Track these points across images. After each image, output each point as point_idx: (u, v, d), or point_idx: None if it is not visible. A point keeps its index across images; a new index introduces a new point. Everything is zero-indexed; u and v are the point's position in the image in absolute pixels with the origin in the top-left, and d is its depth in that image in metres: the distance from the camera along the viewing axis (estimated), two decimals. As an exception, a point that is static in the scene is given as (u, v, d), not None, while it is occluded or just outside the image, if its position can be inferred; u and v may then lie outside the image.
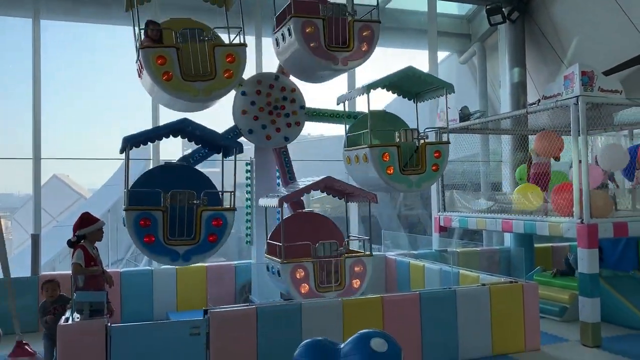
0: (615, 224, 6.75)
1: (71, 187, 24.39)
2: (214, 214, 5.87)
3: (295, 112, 7.63)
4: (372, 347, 3.59)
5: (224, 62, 6.23)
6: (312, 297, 6.08)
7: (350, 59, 6.92)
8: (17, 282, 7.83)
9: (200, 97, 6.19)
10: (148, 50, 6.06)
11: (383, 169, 6.63)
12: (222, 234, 5.92)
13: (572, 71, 6.82)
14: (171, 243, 5.72)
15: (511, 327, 6.36)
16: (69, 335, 4.86)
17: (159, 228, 5.68)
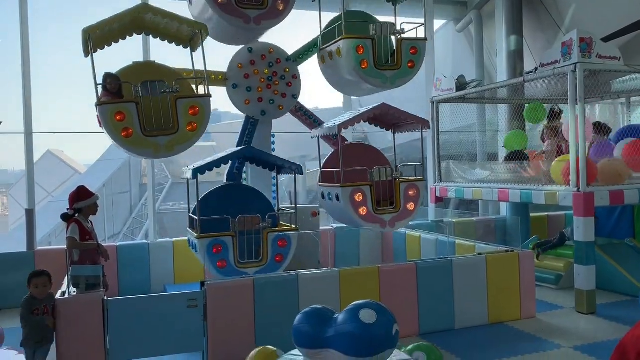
0: (612, 192, 6.75)
1: (66, 162, 24.29)
2: (279, 235, 6.23)
3: (287, 68, 7.50)
4: (360, 318, 3.60)
5: (186, 114, 5.83)
6: (370, 220, 6.60)
7: (264, 18, 6.77)
8: (13, 257, 7.87)
9: (162, 153, 5.89)
10: (106, 107, 5.61)
11: (357, 62, 6.57)
12: (287, 254, 6.27)
13: (570, 37, 6.72)
14: (242, 266, 6.03)
15: (507, 296, 6.40)
16: (66, 309, 4.86)
17: (230, 252, 5.99)
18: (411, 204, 6.87)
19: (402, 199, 6.83)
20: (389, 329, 3.52)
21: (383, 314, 3.58)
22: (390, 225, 6.82)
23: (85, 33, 5.67)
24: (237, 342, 5.28)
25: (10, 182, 26.49)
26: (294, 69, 7.55)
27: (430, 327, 6.04)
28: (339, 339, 3.54)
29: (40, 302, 4.69)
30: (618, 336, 5.79)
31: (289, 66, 7.49)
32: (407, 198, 6.84)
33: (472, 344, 5.70)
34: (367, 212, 6.64)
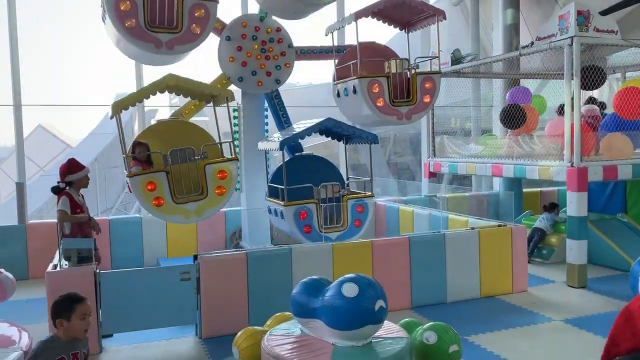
0: (605, 167, 6.75)
1: (57, 136, 24.06)
2: (357, 201, 6.60)
3: (284, 52, 7.40)
4: (342, 292, 3.61)
5: (215, 179, 5.81)
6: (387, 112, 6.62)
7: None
8: (4, 231, 7.82)
9: (192, 218, 5.86)
10: (137, 178, 5.57)
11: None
12: (365, 219, 6.62)
13: (567, 10, 6.63)
14: (325, 231, 6.35)
15: (499, 270, 6.44)
16: (58, 282, 4.83)
17: (314, 218, 6.35)
18: (427, 97, 6.86)
19: (419, 92, 6.81)
20: (370, 305, 3.49)
21: (366, 289, 3.56)
22: (407, 117, 6.81)
23: (115, 108, 5.59)
24: (230, 315, 5.29)
25: (1, 156, 26.26)
26: (291, 58, 7.46)
27: (422, 300, 6.08)
28: (323, 310, 3.57)
29: (71, 348, 3.18)
30: (608, 309, 5.87)
31: (287, 52, 7.41)
32: (424, 91, 6.83)
33: (464, 317, 5.74)
34: (384, 104, 6.65)
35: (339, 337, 3.58)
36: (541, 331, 5.30)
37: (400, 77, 6.82)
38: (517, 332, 5.28)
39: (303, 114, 9.09)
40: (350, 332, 3.52)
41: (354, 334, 3.52)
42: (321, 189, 6.56)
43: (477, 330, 5.29)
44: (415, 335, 3.77)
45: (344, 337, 3.56)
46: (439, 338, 3.65)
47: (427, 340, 3.67)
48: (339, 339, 3.58)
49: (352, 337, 3.54)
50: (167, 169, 5.70)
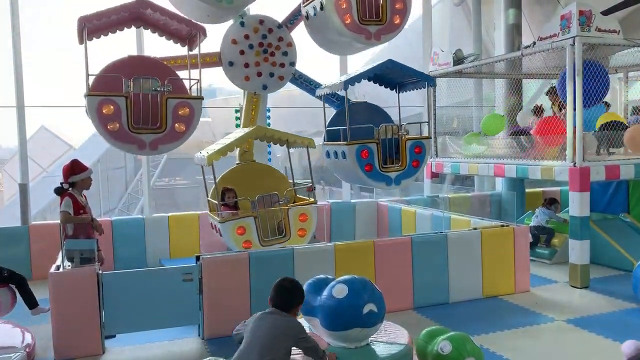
0: (607, 166, 6.74)
1: (60, 137, 24.10)
2: (415, 142, 6.92)
3: (284, 64, 7.39)
4: (332, 292, 3.63)
5: (297, 222, 6.36)
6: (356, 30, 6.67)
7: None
8: (8, 232, 7.85)
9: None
10: (228, 223, 6.04)
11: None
12: (423, 159, 6.98)
13: (569, 10, 6.62)
14: (385, 170, 6.76)
15: (501, 270, 6.43)
16: (61, 283, 4.85)
17: (375, 158, 6.67)
18: (397, 18, 7.00)
19: (389, 12, 6.94)
20: (357, 308, 3.50)
21: (355, 292, 3.57)
22: (376, 37, 6.89)
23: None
24: (232, 316, 5.27)
25: (4, 157, 26.33)
26: (288, 36, 7.43)
27: (424, 300, 6.07)
28: (318, 309, 3.60)
29: None
30: (611, 310, 5.87)
31: (282, 34, 7.36)
32: (394, 11, 6.97)
33: (466, 317, 5.74)
34: (352, 21, 6.72)
35: (331, 337, 3.60)
36: (544, 331, 5.29)
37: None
38: (520, 332, 5.28)
39: (303, 113, 9.10)
40: (338, 333, 3.54)
41: (342, 335, 3.53)
42: (381, 130, 6.83)
43: (480, 330, 5.29)
44: (432, 344, 3.74)
45: (335, 337, 3.58)
46: (454, 349, 3.62)
47: (442, 350, 3.66)
48: (332, 339, 3.59)
49: (342, 338, 3.55)
50: (255, 213, 6.14)
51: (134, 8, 5.80)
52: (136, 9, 5.81)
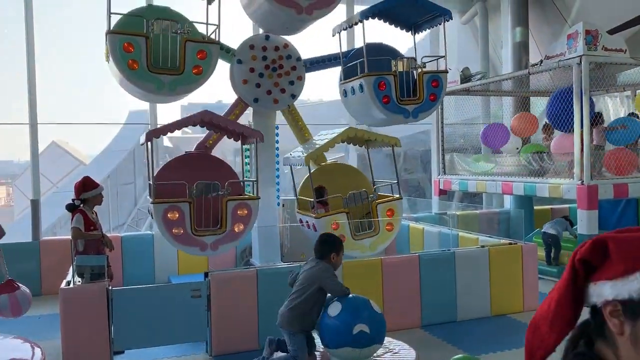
0: (616, 185, 6.74)
1: (70, 153, 24.36)
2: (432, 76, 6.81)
3: (295, 66, 7.41)
4: (327, 310, 3.68)
5: (385, 217, 6.49)
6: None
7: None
8: (19, 247, 7.92)
9: (367, 252, 6.44)
10: (324, 219, 6.30)
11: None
12: (440, 93, 6.86)
13: (576, 30, 6.69)
14: (402, 103, 6.67)
15: (510, 288, 6.41)
16: (71, 299, 4.90)
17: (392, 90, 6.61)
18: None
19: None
20: (347, 327, 3.52)
21: (347, 311, 3.61)
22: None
23: (307, 160, 6.26)
24: (241, 332, 5.32)
25: (15, 172, 26.61)
26: (302, 71, 7.48)
27: (432, 318, 6.05)
28: (318, 325, 3.67)
29: None
30: (620, 329, 5.81)
31: (297, 66, 7.42)
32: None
33: (474, 336, 5.71)
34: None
35: (330, 354, 3.62)
36: (552, 350, 5.25)
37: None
38: (528, 351, 5.24)
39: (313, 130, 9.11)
40: (332, 350, 3.57)
41: (335, 353, 3.56)
42: (398, 63, 6.81)
43: (488, 349, 5.27)
44: None
45: (331, 354, 3.60)
46: None
47: None
48: (331, 356, 3.62)
49: (336, 356, 3.58)
50: (347, 210, 6.46)
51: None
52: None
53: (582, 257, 1.11)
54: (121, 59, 5.67)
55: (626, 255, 1.06)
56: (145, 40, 5.74)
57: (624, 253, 1.06)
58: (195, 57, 5.93)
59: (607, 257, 1.08)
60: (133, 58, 5.67)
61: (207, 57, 5.99)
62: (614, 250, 1.07)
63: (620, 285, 1.05)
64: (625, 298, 1.05)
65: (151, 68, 5.75)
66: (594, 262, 1.10)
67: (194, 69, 5.94)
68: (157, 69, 5.78)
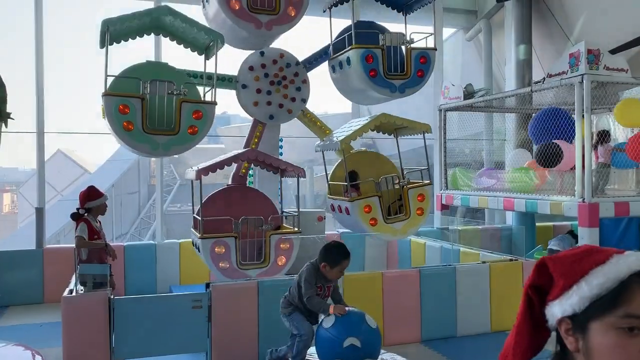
0: (617, 203, 6.76)
1: (76, 161, 24.50)
2: (420, 52, 6.96)
3: (295, 99, 7.49)
4: (323, 321, 3.73)
5: (415, 201, 6.72)
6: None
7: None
8: (22, 255, 7.98)
9: (398, 235, 6.77)
10: (357, 202, 6.58)
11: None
12: (428, 70, 6.99)
13: (578, 49, 6.75)
14: (389, 77, 6.79)
15: (510, 304, 6.40)
16: (73, 307, 4.94)
17: (379, 64, 6.86)
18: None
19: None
20: (338, 340, 3.57)
21: (340, 324, 3.65)
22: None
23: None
24: (241, 344, 5.34)
25: (20, 180, 26.75)
26: (304, 73, 7.55)
27: (432, 333, 6.06)
28: None
29: None
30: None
31: (299, 71, 7.49)
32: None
33: (474, 351, 5.72)
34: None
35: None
36: (552, 368, 5.25)
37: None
38: (527, 368, 5.24)
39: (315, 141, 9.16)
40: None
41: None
42: (386, 37, 6.84)
43: (487, 365, 5.27)
44: None
45: None
46: None
47: None
48: None
49: None
50: (379, 193, 6.67)
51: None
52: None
53: (531, 283, 1.15)
54: (116, 120, 5.68)
55: (562, 271, 1.10)
56: (141, 102, 5.72)
57: (561, 270, 1.10)
58: (191, 117, 5.90)
59: (552, 277, 1.12)
60: (128, 119, 5.67)
61: (203, 117, 5.97)
62: (553, 269, 1.11)
63: (565, 301, 1.09)
64: (570, 313, 1.09)
65: (146, 129, 5.71)
66: (545, 286, 1.14)
67: (189, 129, 5.91)
68: (152, 130, 5.76)
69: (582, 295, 1.07)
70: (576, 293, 1.07)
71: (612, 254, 1.10)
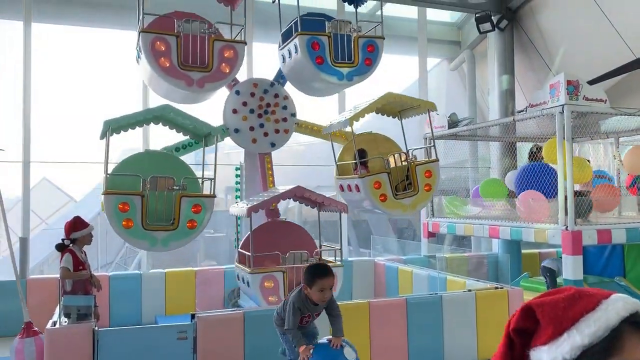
0: (599, 231, 6.86)
1: (61, 189, 24.26)
2: (368, 40, 7.01)
3: (286, 119, 7.60)
4: None
5: (423, 178, 6.82)
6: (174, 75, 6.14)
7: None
8: (4, 285, 7.86)
9: (409, 211, 6.89)
10: (367, 178, 6.69)
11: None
12: (376, 58, 7.01)
13: (557, 80, 6.93)
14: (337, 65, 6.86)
15: (497, 333, 6.41)
16: (57, 339, 4.87)
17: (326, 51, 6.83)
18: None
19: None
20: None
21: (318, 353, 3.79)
22: (199, 85, 6.38)
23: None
24: (226, 376, 5.28)
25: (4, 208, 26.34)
26: (282, 90, 7.66)
27: (419, 363, 6.05)
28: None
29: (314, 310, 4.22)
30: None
31: (277, 91, 7.59)
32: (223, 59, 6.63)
33: (461, 381, 5.70)
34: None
35: None
36: (538, 397, 5.25)
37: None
38: (514, 397, 5.23)
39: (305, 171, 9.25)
40: None
41: None
42: (333, 24, 6.88)
43: (474, 395, 5.26)
44: None
45: None
46: None
47: None
48: None
49: None
50: (388, 170, 6.83)
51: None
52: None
53: (515, 327, 1.13)
54: (116, 219, 5.66)
55: (552, 318, 1.08)
56: (140, 199, 5.70)
57: (550, 316, 1.08)
58: (190, 212, 5.90)
59: (538, 322, 1.10)
60: (128, 217, 5.66)
61: (202, 211, 5.97)
62: (540, 315, 1.09)
63: (555, 349, 1.06)
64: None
65: (145, 225, 5.69)
66: (529, 329, 1.12)
67: (188, 223, 5.90)
68: (152, 226, 5.74)
69: (574, 345, 1.05)
70: (567, 342, 1.05)
71: (600, 300, 1.08)
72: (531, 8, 10.96)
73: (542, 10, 10.79)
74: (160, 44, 6.02)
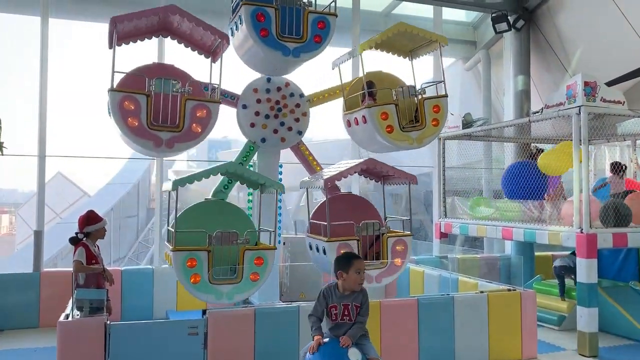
0: (615, 234, 6.77)
1: (75, 184, 24.51)
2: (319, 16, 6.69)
3: (299, 104, 7.50)
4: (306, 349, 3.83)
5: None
6: None
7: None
8: (19, 278, 7.95)
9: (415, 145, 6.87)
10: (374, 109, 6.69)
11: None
12: (327, 35, 6.68)
13: (574, 81, 6.85)
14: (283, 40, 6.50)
15: (508, 335, 6.38)
16: (69, 332, 4.91)
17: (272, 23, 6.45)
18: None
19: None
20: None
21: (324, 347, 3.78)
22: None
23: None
24: (236, 372, 5.29)
25: (18, 201, 26.73)
26: (306, 107, 7.60)
27: (430, 364, 6.01)
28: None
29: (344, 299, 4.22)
30: (618, 380, 5.75)
31: (301, 103, 7.55)
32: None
33: (471, 382, 5.66)
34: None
35: None
36: (550, 401, 5.21)
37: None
38: (526, 400, 5.19)
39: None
40: None
41: None
42: None
43: (485, 397, 5.22)
44: None
45: None
46: None
47: None
48: None
49: None
50: (395, 101, 6.79)
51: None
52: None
53: None
54: (184, 275, 5.66)
55: None
56: (207, 254, 5.74)
57: None
58: (253, 264, 5.97)
59: None
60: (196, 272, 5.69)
61: (264, 264, 6.00)
62: None
63: None
64: None
65: (212, 280, 5.70)
66: None
67: (251, 276, 5.94)
68: (217, 280, 5.76)
69: None
70: None
71: None
72: (548, 8, 10.84)
73: (559, 10, 10.67)
74: (129, 103, 5.82)
